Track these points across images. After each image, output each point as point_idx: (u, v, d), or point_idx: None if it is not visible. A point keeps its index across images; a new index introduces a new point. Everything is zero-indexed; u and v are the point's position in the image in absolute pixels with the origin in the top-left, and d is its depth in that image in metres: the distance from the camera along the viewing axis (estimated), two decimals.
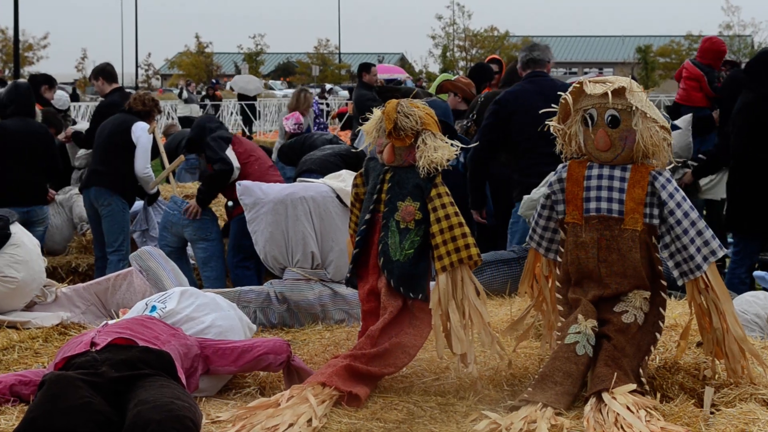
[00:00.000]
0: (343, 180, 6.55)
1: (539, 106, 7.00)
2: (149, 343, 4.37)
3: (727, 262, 8.20)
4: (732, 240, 8.42)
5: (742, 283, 7.75)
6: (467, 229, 4.72)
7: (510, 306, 6.04)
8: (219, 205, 9.12)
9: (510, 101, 7.43)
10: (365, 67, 14.59)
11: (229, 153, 7.91)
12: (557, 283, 4.84)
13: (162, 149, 8.82)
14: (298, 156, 10.30)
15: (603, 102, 4.55)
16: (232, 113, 30.62)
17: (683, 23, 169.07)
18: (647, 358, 4.54)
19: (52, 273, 8.60)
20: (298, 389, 4.36)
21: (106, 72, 9.97)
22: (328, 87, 45.75)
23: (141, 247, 6.84)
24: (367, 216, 4.86)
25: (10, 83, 9.59)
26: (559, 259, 4.81)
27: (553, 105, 4.78)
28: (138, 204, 9.32)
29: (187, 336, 4.74)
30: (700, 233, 4.51)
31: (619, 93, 4.53)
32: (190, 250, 8.51)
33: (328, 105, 33.35)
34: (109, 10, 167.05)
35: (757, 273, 7.33)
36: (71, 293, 6.54)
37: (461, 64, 68.24)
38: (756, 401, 4.34)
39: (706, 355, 4.75)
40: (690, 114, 9.65)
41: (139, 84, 63.48)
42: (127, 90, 10.66)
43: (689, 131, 9.21)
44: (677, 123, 9.12)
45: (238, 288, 6.47)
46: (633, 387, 4.29)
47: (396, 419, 4.27)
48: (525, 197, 6.71)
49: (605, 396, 4.22)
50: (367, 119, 4.88)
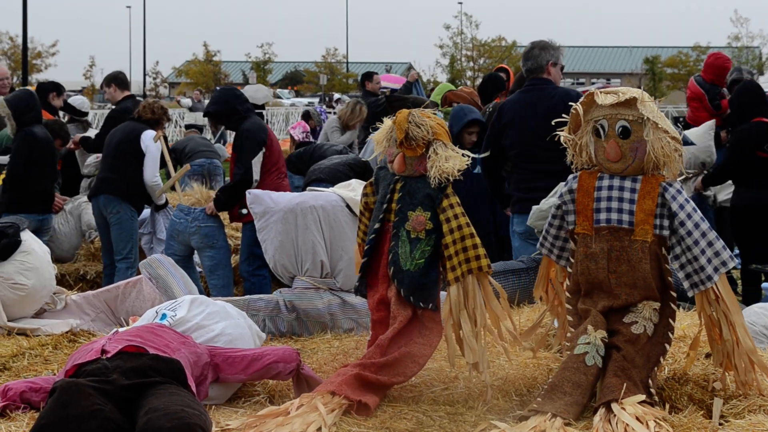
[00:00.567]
0: (353, 189, 6.55)
1: (529, 120, 7.02)
2: (159, 351, 4.38)
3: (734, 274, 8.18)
4: (738, 251, 8.40)
5: None
6: (478, 240, 4.73)
7: (519, 316, 6.04)
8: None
9: (504, 113, 7.30)
10: (368, 76, 14.63)
11: (256, 161, 7.87)
12: (567, 294, 4.84)
13: (168, 158, 8.82)
14: (306, 165, 10.33)
15: (614, 113, 4.56)
16: None
17: (691, 34, 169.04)
18: (656, 369, 4.54)
19: (60, 280, 8.59)
20: (307, 398, 4.37)
21: (118, 79, 9.99)
22: (336, 96, 45.77)
23: (150, 255, 6.85)
24: (377, 225, 4.86)
25: (20, 90, 9.57)
26: (569, 269, 4.82)
27: (548, 117, 4.77)
28: (146, 212, 9.34)
29: (197, 344, 4.75)
30: (710, 244, 4.51)
31: (630, 104, 4.54)
32: (197, 258, 8.51)
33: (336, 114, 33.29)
34: (118, 18, 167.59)
35: (766, 285, 7.33)
36: (81, 301, 6.55)
37: (469, 74, 68.32)
38: (765, 413, 4.34)
39: (715, 367, 4.75)
40: (713, 120, 9.65)
41: (147, 92, 63.59)
42: (138, 98, 10.66)
43: (710, 135, 9.21)
44: (688, 134, 9.12)
45: (247, 296, 6.47)
46: (642, 398, 4.29)
47: (405, 428, 4.28)
48: (534, 207, 6.71)
49: (614, 406, 4.22)
50: (378, 121, 4.87)
